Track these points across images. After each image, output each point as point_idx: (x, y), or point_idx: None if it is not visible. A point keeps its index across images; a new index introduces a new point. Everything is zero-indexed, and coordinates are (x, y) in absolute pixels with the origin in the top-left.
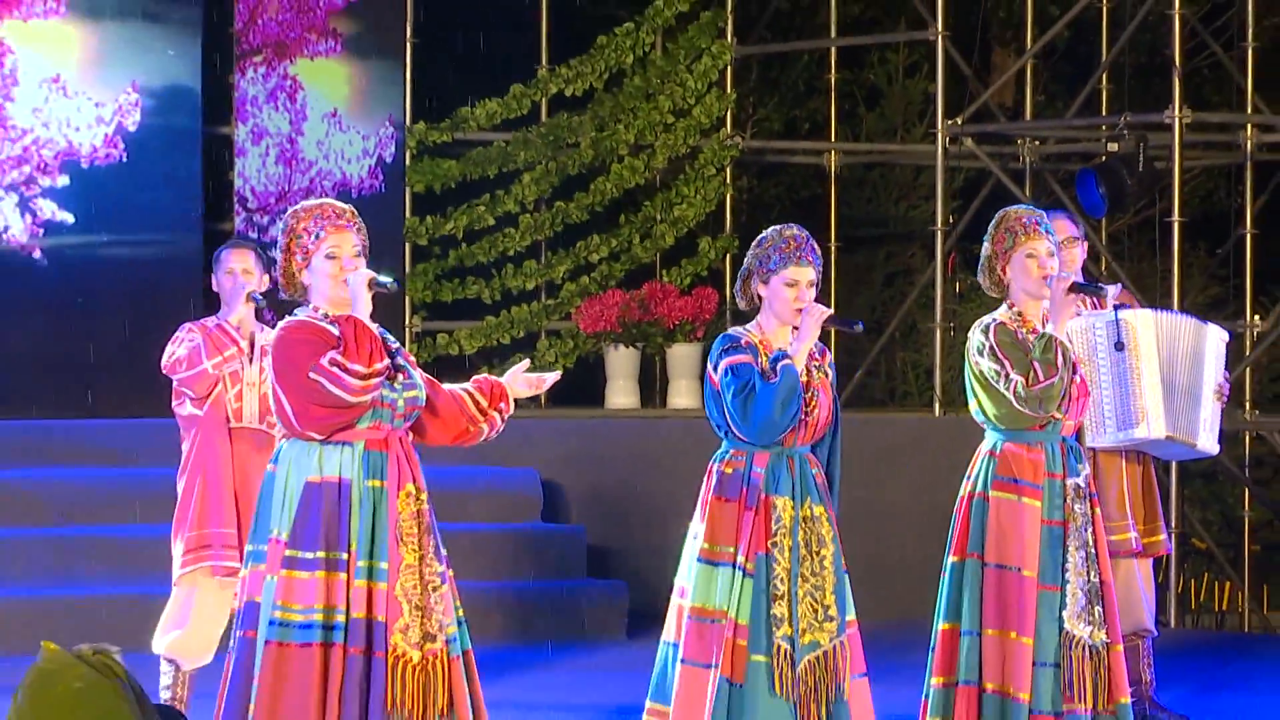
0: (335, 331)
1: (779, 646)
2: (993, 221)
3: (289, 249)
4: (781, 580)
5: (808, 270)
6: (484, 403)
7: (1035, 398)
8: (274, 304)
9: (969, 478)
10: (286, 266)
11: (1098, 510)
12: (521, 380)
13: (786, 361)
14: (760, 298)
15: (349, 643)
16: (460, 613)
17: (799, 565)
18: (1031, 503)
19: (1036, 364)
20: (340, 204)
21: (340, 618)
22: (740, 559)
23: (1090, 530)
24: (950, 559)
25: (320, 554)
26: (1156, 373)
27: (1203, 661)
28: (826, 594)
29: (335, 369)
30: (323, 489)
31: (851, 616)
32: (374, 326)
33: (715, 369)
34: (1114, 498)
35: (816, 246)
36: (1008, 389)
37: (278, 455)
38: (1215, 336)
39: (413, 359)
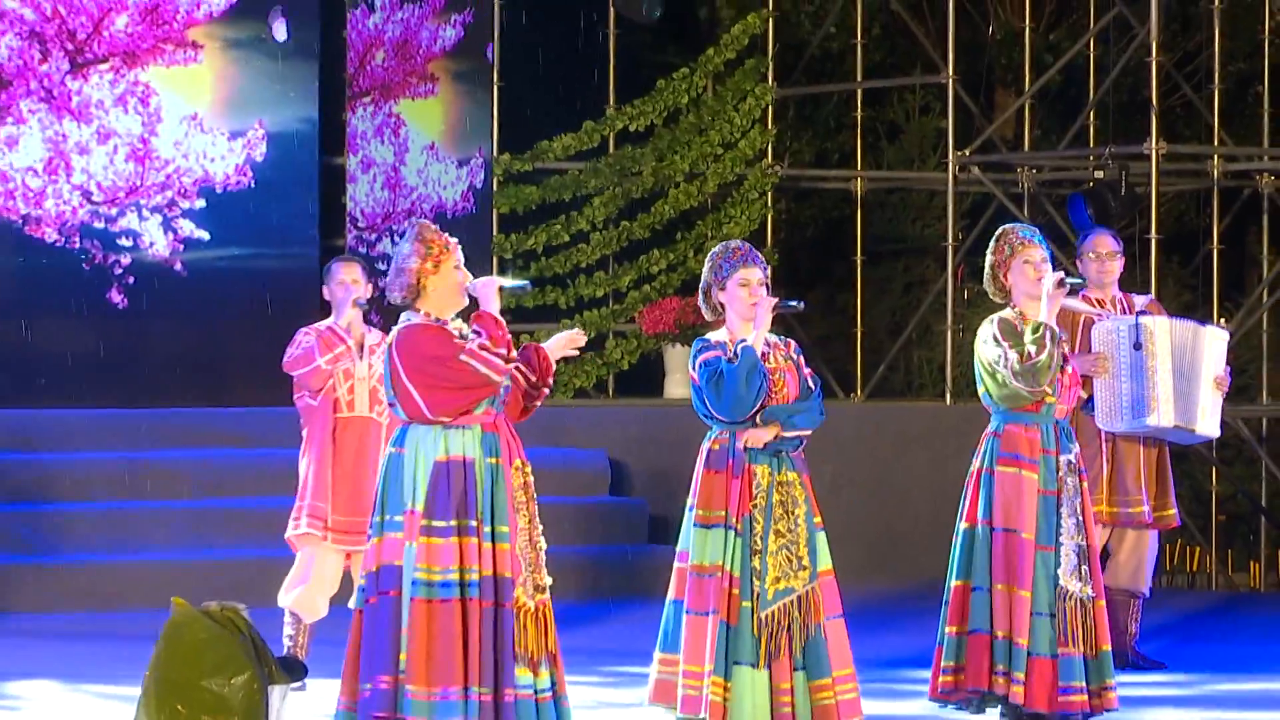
0: (454, 330)
1: (756, 593)
2: (993, 238)
3: (424, 257)
4: (759, 538)
5: (755, 270)
6: (534, 378)
7: (1029, 371)
8: (380, 310)
9: (977, 456)
10: (418, 270)
11: (1085, 484)
12: (558, 346)
13: (744, 344)
14: (722, 305)
15: (482, 597)
16: None
17: (775, 523)
18: (1030, 475)
19: (1030, 344)
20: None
21: (474, 575)
22: (732, 520)
23: (1079, 500)
24: (962, 525)
25: (453, 522)
26: (1169, 370)
27: (1177, 617)
28: (800, 547)
29: (484, 352)
30: (450, 466)
31: (825, 566)
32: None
33: (694, 367)
34: (1131, 475)
35: (759, 254)
36: (1006, 367)
37: (402, 439)
38: (1214, 335)
39: None
